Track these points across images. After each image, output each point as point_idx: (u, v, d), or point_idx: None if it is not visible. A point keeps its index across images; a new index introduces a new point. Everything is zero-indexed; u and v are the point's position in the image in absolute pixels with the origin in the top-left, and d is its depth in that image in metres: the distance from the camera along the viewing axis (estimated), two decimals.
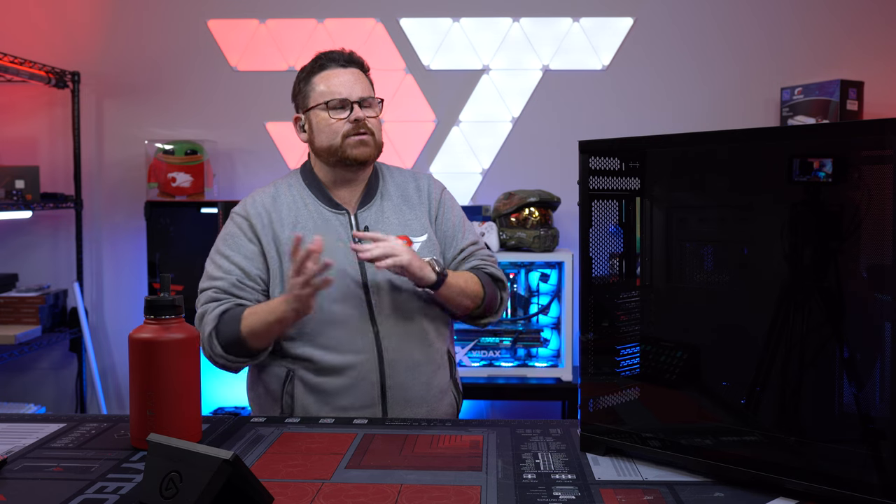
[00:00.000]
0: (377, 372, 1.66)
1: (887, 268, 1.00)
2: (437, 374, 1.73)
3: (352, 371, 1.65)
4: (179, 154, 3.37)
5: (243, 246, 1.70)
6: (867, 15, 3.40)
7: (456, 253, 1.81)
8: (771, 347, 1.15)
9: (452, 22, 3.51)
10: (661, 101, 3.46)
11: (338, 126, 1.70)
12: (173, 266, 3.25)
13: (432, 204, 1.82)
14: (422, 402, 1.70)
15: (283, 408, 1.68)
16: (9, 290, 3.41)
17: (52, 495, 1.13)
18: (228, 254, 1.70)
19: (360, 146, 1.71)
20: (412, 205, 1.80)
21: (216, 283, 1.68)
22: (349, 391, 1.65)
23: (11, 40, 3.42)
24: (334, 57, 1.75)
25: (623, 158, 1.30)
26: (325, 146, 1.72)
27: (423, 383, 1.70)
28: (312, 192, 1.75)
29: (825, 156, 1.07)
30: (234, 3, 3.52)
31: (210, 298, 1.68)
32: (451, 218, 1.83)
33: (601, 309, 1.31)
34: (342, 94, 1.71)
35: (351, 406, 1.65)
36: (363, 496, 1.12)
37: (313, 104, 1.73)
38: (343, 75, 1.73)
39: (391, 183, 1.82)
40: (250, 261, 1.69)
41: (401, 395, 1.67)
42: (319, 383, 1.66)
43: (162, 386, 1.29)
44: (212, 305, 1.66)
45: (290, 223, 1.71)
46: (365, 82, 1.76)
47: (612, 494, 1.12)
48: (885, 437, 1.02)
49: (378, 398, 1.66)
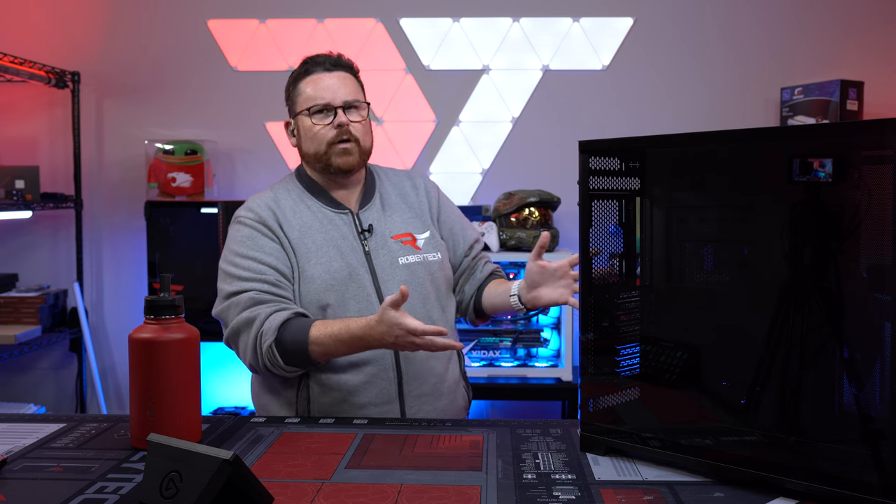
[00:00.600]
0: (394, 366, 1.65)
1: (887, 268, 1.00)
2: (450, 366, 1.74)
3: (369, 366, 1.63)
4: (179, 154, 3.37)
5: (266, 245, 1.65)
6: (867, 15, 3.40)
7: (466, 250, 1.84)
8: (771, 347, 1.15)
9: (452, 22, 3.51)
10: (661, 101, 3.46)
11: (322, 133, 1.69)
12: (173, 266, 3.25)
13: (432, 203, 1.83)
14: (439, 395, 1.69)
15: (299, 411, 1.64)
16: (9, 290, 3.41)
17: (52, 495, 1.13)
18: (254, 254, 1.63)
19: (343, 155, 1.69)
20: (410, 203, 1.81)
21: (253, 283, 1.60)
22: (367, 387, 1.63)
23: (11, 40, 3.42)
24: (320, 61, 1.73)
25: (623, 158, 1.30)
26: (312, 153, 1.72)
27: (437, 375, 1.69)
28: (312, 194, 1.75)
29: (825, 156, 1.07)
30: (234, 3, 3.52)
31: (255, 301, 1.58)
32: (452, 215, 1.86)
33: (601, 309, 1.31)
34: (325, 98, 1.69)
35: (370, 402, 1.63)
36: (363, 496, 1.12)
37: (299, 109, 1.73)
38: (327, 79, 1.71)
39: (387, 183, 1.83)
40: (278, 258, 1.64)
41: (417, 388, 1.66)
42: (336, 382, 1.63)
43: (162, 386, 1.29)
44: (263, 310, 1.57)
45: (297, 225, 1.69)
46: (351, 85, 1.73)
47: (612, 494, 1.12)
48: (885, 437, 1.02)
49: (395, 393, 1.65)
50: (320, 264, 1.65)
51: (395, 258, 1.70)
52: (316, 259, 1.66)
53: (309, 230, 1.69)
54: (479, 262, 1.87)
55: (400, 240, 1.73)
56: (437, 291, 1.73)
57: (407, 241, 1.73)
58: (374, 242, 1.71)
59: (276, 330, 1.55)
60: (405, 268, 1.70)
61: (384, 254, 1.70)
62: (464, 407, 1.79)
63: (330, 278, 1.64)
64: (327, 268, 1.65)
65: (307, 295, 1.64)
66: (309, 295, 1.64)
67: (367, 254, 1.69)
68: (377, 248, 1.70)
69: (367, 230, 1.72)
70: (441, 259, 1.76)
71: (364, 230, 1.72)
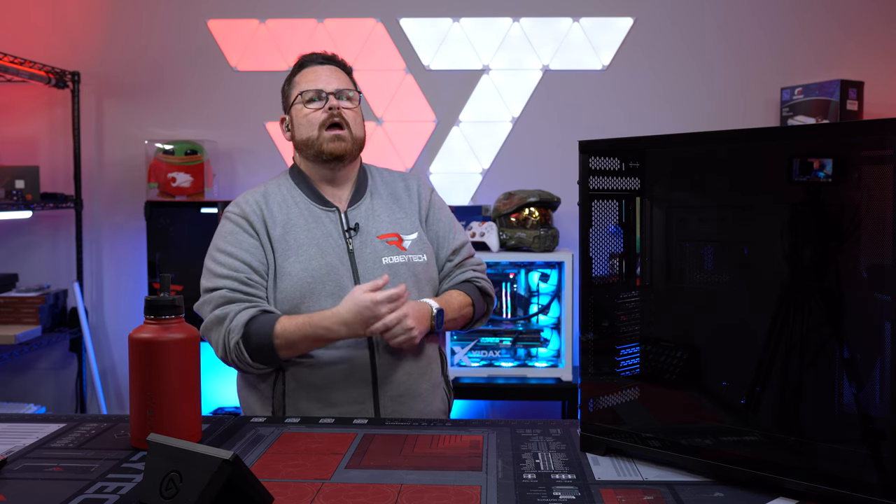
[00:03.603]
0: (369, 366, 1.66)
1: (887, 268, 1.00)
2: (429, 369, 1.74)
3: (343, 365, 1.65)
4: (179, 154, 3.37)
5: (244, 241, 1.70)
6: (867, 15, 3.40)
7: (448, 254, 1.83)
8: (771, 347, 1.15)
9: (452, 22, 3.51)
10: (661, 101, 3.46)
11: (314, 117, 1.73)
12: (173, 266, 3.25)
13: (422, 204, 1.83)
14: (414, 397, 1.70)
15: (275, 407, 1.67)
16: (9, 290, 3.41)
17: (52, 495, 1.13)
18: (231, 250, 1.69)
19: (335, 140, 1.72)
20: (402, 203, 1.81)
21: (225, 281, 1.65)
22: (341, 386, 1.65)
23: (11, 40, 3.42)
24: (314, 57, 1.82)
25: (623, 158, 1.30)
26: (304, 139, 1.75)
27: (414, 378, 1.70)
28: (302, 191, 1.77)
29: (825, 156, 1.07)
30: (234, 3, 3.52)
31: (226, 299, 1.63)
32: (441, 219, 1.84)
33: (601, 309, 1.31)
34: (318, 85, 1.75)
35: (343, 401, 1.64)
36: (363, 496, 1.12)
37: (293, 99, 1.78)
38: (320, 72, 1.78)
39: (380, 182, 1.83)
40: (253, 255, 1.68)
41: (392, 389, 1.67)
42: (311, 379, 1.65)
43: (162, 386, 1.29)
44: (233, 308, 1.62)
45: (282, 221, 1.71)
46: (343, 78, 1.80)
47: (612, 494, 1.12)
48: (885, 437, 1.02)
49: (370, 393, 1.66)
50: (299, 262, 1.67)
51: (379, 257, 1.71)
52: (296, 256, 1.68)
53: (293, 227, 1.71)
54: (460, 268, 1.83)
55: (386, 239, 1.73)
56: (420, 293, 1.73)
57: (393, 242, 1.74)
58: (358, 241, 1.71)
59: (242, 327, 1.60)
60: (388, 267, 1.70)
61: (368, 252, 1.71)
62: (442, 410, 1.79)
63: (307, 276, 1.66)
64: (306, 266, 1.67)
65: (283, 291, 1.66)
66: (285, 292, 1.66)
67: (350, 252, 1.70)
68: (362, 246, 1.71)
69: (353, 228, 1.73)
70: (427, 261, 1.76)
71: (350, 228, 1.73)
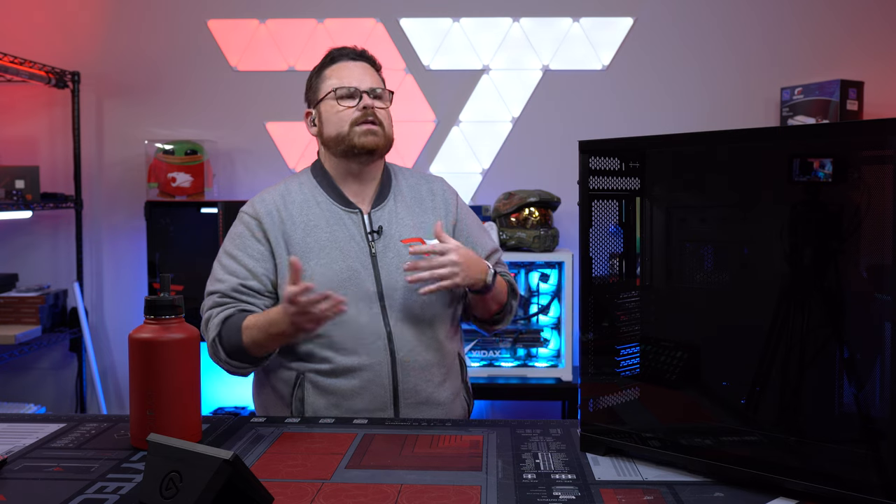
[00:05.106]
0: (389, 374, 1.64)
1: (887, 268, 1.00)
2: (449, 376, 1.72)
3: (364, 373, 1.63)
4: (179, 154, 3.37)
5: (250, 246, 1.68)
6: (867, 15, 3.40)
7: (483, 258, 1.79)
8: (771, 347, 1.15)
9: (452, 22, 3.51)
10: (661, 101, 3.46)
11: (346, 114, 1.70)
12: (173, 266, 3.25)
13: (449, 210, 1.79)
14: (435, 405, 1.68)
15: (293, 411, 1.65)
16: (9, 290, 3.41)
17: (52, 495, 1.13)
18: (235, 254, 1.68)
19: (368, 135, 1.69)
20: (425, 207, 1.77)
21: (220, 286, 1.66)
22: (361, 393, 1.62)
23: (11, 40, 3.42)
24: (346, 52, 1.78)
25: (623, 158, 1.30)
26: (334, 135, 1.71)
27: (435, 385, 1.68)
28: (324, 191, 1.73)
29: (825, 156, 1.07)
30: (234, 3, 3.52)
31: (214, 303, 1.66)
32: (470, 224, 1.82)
33: (601, 309, 1.31)
34: (352, 83, 1.72)
35: (364, 409, 1.62)
36: (363, 496, 1.12)
37: (323, 95, 1.74)
38: (353, 68, 1.75)
39: (404, 184, 1.80)
40: (257, 261, 1.67)
41: (413, 398, 1.65)
42: (331, 386, 1.63)
43: (162, 386, 1.29)
44: (216, 311, 1.65)
45: (302, 223, 1.68)
46: (375, 76, 1.78)
47: (612, 494, 1.12)
48: (885, 437, 1.02)
49: (390, 401, 1.64)
50: (320, 265, 1.65)
51: (403, 261, 1.67)
52: (317, 259, 1.65)
53: (314, 229, 1.68)
54: None
55: (410, 244, 1.71)
56: (441, 297, 1.69)
57: None
58: (381, 244, 1.69)
59: (218, 325, 1.62)
60: None
61: (391, 256, 1.68)
62: (462, 416, 1.77)
63: (327, 280, 1.63)
64: (327, 269, 1.64)
65: None
66: None
67: (373, 255, 1.67)
68: (385, 250, 1.68)
69: (376, 231, 1.70)
70: None
71: (373, 231, 1.70)
